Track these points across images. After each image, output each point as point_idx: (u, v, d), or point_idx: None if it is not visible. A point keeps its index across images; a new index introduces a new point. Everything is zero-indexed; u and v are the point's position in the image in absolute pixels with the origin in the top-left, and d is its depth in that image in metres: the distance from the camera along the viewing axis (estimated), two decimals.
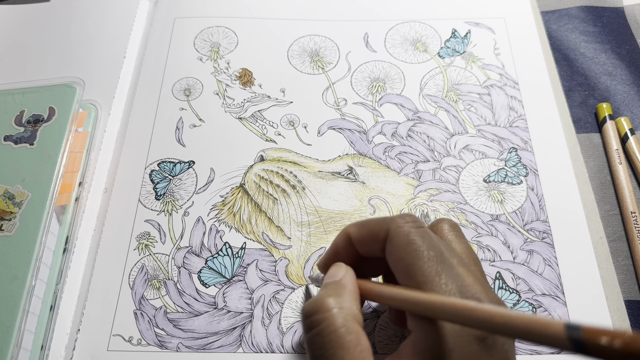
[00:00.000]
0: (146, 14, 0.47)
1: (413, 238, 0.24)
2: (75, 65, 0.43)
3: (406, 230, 0.25)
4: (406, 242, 0.24)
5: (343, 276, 0.26)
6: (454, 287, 0.23)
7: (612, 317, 0.32)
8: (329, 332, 0.23)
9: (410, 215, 0.26)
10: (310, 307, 0.25)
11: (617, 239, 0.36)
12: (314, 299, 0.25)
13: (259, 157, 0.39)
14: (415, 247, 0.24)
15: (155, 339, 0.32)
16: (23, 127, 0.37)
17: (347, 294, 0.25)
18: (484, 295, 0.23)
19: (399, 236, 0.25)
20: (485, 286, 0.24)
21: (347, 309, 0.24)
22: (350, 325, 0.24)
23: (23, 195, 0.34)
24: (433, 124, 0.40)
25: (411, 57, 0.44)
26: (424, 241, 0.24)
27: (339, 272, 0.27)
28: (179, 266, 0.35)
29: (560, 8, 0.47)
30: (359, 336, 0.23)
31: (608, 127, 0.39)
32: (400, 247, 0.25)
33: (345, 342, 0.23)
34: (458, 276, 0.23)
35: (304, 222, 0.36)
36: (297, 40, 0.45)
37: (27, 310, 0.31)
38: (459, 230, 0.29)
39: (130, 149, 0.40)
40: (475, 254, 0.28)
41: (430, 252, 0.24)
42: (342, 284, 0.26)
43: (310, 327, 0.24)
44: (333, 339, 0.23)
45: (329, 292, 0.25)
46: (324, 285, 0.27)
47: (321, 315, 0.24)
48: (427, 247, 0.24)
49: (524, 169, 0.38)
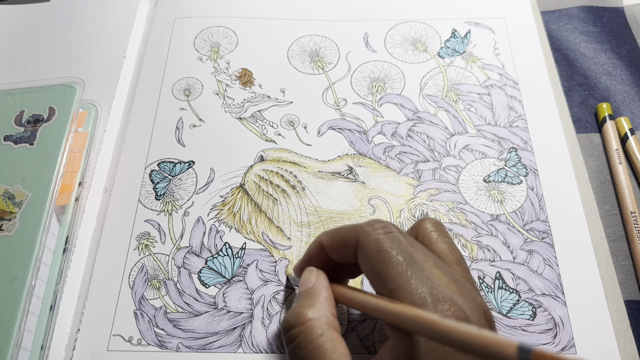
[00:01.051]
0: (146, 14, 0.47)
1: (382, 245, 0.25)
2: (75, 65, 0.43)
3: (375, 238, 0.25)
4: (375, 250, 0.25)
5: (315, 282, 0.27)
6: (424, 290, 0.23)
7: (612, 317, 0.32)
8: (307, 342, 0.24)
9: (379, 222, 0.26)
10: (287, 320, 0.26)
11: (617, 239, 0.36)
12: (291, 311, 0.26)
13: (259, 157, 0.39)
14: (384, 255, 0.25)
15: (155, 339, 0.32)
16: (23, 127, 0.37)
17: (321, 302, 0.26)
18: (458, 295, 0.23)
19: (368, 244, 0.25)
20: (462, 285, 0.24)
21: (322, 318, 0.25)
22: (326, 333, 0.25)
23: (23, 195, 0.34)
24: (433, 124, 0.40)
25: (411, 57, 0.44)
26: (392, 247, 0.25)
27: (311, 278, 0.28)
28: (179, 266, 0.35)
29: (560, 8, 0.47)
30: (335, 343, 0.24)
31: (608, 127, 0.39)
32: (370, 254, 0.25)
33: (322, 351, 0.24)
34: (428, 279, 0.24)
35: (303, 223, 0.36)
36: (297, 40, 0.45)
37: (27, 310, 0.31)
38: (441, 228, 0.29)
39: (130, 149, 0.40)
40: (459, 252, 0.28)
41: (399, 257, 0.24)
42: (315, 292, 0.27)
43: (290, 340, 0.25)
44: (310, 350, 0.24)
45: (304, 302, 0.26)
46: (299, 295, 0.28)
47: (298, 328, 0.25)
48: (396, 253, 0.25)
49: (524, 169, 0.38)
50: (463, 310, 0.23)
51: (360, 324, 0.32)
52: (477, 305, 0.24)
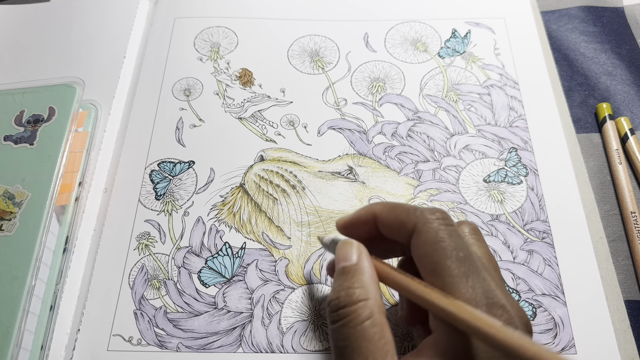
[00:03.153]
0: (146, 14, 0.47)
1: (442, 236, 0.24)
2: (75, 65, 0.43)
3: (435, 227, 0.24)
4: (434, 240, 0.24)
5: (359, 259, 0.26)
6: (480, 291, 0.23)
7: (612, 317, 0.32)
8: (355, 324, 0.24)
9: (440, 211, 0.25)
10: (337, 300, 0.25)
11: (617, 239, 0.35)
12: (341, 290, 0.25)
13: (259, 157, 0.39)
14: (444, 246, 0.24)
15: (155, 339, 0.32)
16: (23, 127, 0.37)
17: (369, 283, 0.25)
18: (507, 302, 0.23)
19: (427, 232, 0.24)
20: (506, 293, 0.24)
21: (372, 300, 0.24)
22: (375, 317, 0.24)
23: (23, 195, 0.34)
24: (433, 124, 0.40)
25: (411, 57, 0.44)
26: (452, 240, 0.24)
27: (352, 253, 0.26)
28: (179, 266, 0.35)
29: (560, 8, 0.47)
30: (382, 328, 0.23)
31: (608, 127, 0.39)
32: (428, 243, 0.24)
33: (370, 334, 0.23)
34: (484, 280, 0.23)
35: (304, 222, 0.36)
36: (297, 40, 0.45)
37: (27, 310, 0.31)
38: (479, 233, 0.28)
39: (130, 149, 0.40)
40: (495, 260, 0.27)
41: (460, 252, 0.24)
42: (361, 270, 0.25)
43: (337, 319, 0.24)
44: (358, 331, 0.23)
45: (353, 281, 0.25)
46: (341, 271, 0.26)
47: (349, 308, 0.24)
48: (456, 247, 0.24)
49: (524, 169, 0.38)
50: (513, 318, 0.22)
51: None
52: (521, 315, 0.24)
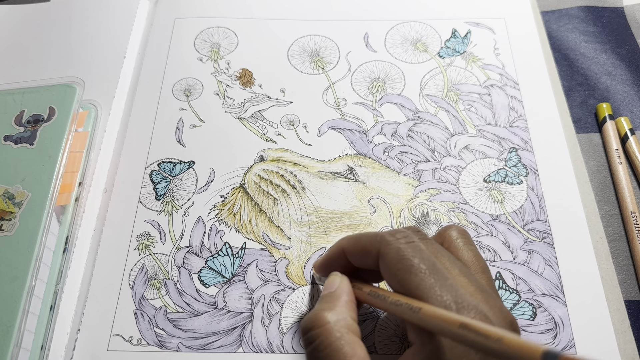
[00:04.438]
0: (146, 14, 0.47)
1: (404, 254, 0.25)
2: (75, 65, 0.43)
3: (395, 247, 0.25)
4: (397, 259, 0.25)
5: (337, 286, 0.27)
6: (449, 298, 0.23)
7: (612, 317, 0.32)
8: (326, 345, 0.24)
9: (400, 232, 0.26)
10: (307, 322, 0.26)
11: (617, 239, 0.36)
12: (311, 314, 0.26)
13: (259, 157, 0.39)
14: (407, 263, 0.25)
15: (155, 339, 0.32)
16: (23, 127, 0.37)
17: (341, 305, 0.26)
18: (484, 304, 0.23)
19: (389, 254, 0.25)
20: (488, 294, 0.24)
21: (342, 321, 0.25)
22: (345, 336, 0.24)
23: (23, 195, 0.34)
24: (433, 124, 0.40)
25: (411, 57, 0.44)
26: (414, 255, 0.25)
27: (334, 282, 0.28)
28: (179, 266, 0.35)
29: (560, 8, 0.47)
30: (354, 346, 0.24)
31: (608, 127, 0.39)
32: (392, 263, 0.25)
33: (341, 354, 0.24)
34: (453, 287, 0.24)
35: (304, 222, 0.36)
36: (297, 40, 0.45)
37: (27, 310, 0.31)
38: (467, 237, 0.29)
39: (130, 149, 0.40)
40: (484, 261, 0.28)
41: (422, 265, 0.24)
42: (337, 296, 0.27)
43: (309, 342, 0.25)
44: (329, 353, 0.24)
45: (324, 305, 0.26)
46: (320, 298, 0.28)
47: (317, 330, 0.25)
48: (419, 261, 0.25)
49: (524, 169, 0.38)
50: (488, 318, 0.23)
51: (360, 324, 0.32)
52: (504, 315, 0.24)
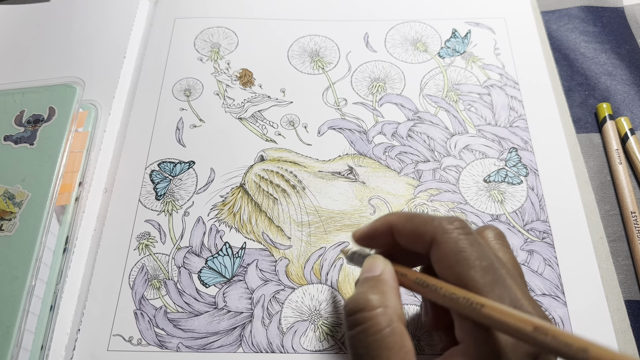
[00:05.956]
0: (146, 14, 0.47)
1: (462, 246, 0.23)
2: (75, 65, 0.43)
3: (454, 237, 0.23)
4: (455, 250, 0.23)
5: (383, 271, 0.25)
6: (507, 300, 0.22)
7: (612, 317, 0.32)
8: (374, 331, 0.23)
9: (458, 220, 0.24)
10: (354, 304, 0.24)
11: (617, 239, 0.36)
12: (357, 296, 0.24)
13: (259, 157, 0.39)
14: (466, 256, 0.23)
15: (155, 339, 0.32)
16: (23, 127, 0.37)
17: (389, 292, 0.24)
18: (533, 309, 0.22)
19: (447, 243, 0.24)
20: (532, 300, 0.23)
21: (391, 309, 0.23)
22: (395, 325, 0.23)
23: (23, 195, 0.34)
24: (433, 124, 0.40)
25: (411, 57, 0.44)
26: (474, 250, 0.23)
27: (377, 266, 0.26)
28: (179, 266, 0.35)
29: (560, 8, 0.47)
30: (403, 337, 0.23)
31: (608, 127, 0.39)
32: (449, 255, 0.23)
33: (390, 343, 0.22)
34: (510, 289, 0.22)
35: (304, 222, 0.36)
36: (297, 40, 0.45)
37: (27, 310, 0.31)
38: (504, 239, 0.27)
39: (130, 149, 0.40)
40: (520, 266, 0.26)
41: (482, 262, 0.23)
42: (383, 280, 0.25)
43: (354, 325, 0.23)
44: (378, 339, 0.23)
45: (372, 289, 0.24)
46: (363, 280, 0.25)
47: (366, 314, 0.23)
48: (479, 256, 0.23)
49: (524, 169, 0.38)
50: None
51: None
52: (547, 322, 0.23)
